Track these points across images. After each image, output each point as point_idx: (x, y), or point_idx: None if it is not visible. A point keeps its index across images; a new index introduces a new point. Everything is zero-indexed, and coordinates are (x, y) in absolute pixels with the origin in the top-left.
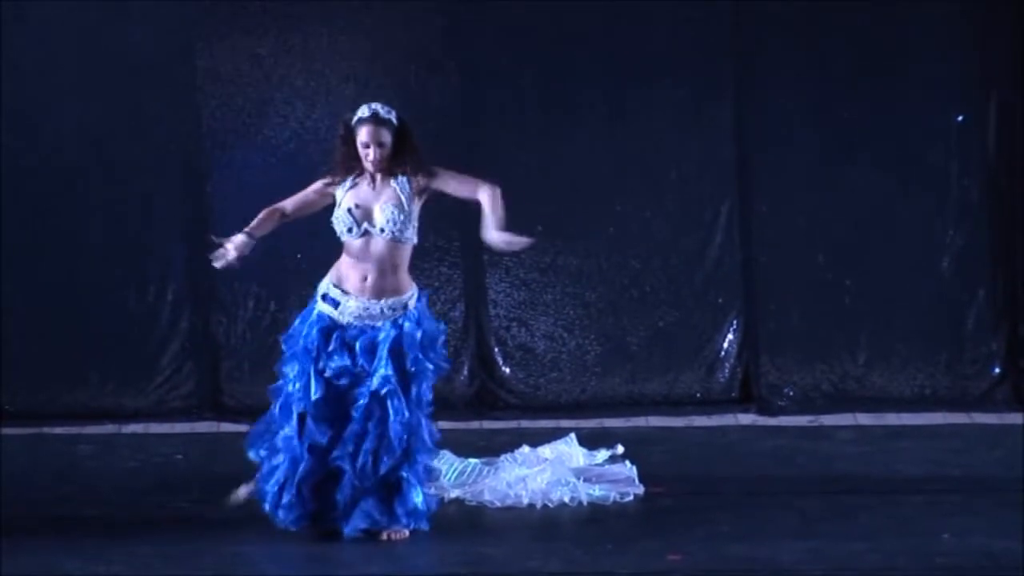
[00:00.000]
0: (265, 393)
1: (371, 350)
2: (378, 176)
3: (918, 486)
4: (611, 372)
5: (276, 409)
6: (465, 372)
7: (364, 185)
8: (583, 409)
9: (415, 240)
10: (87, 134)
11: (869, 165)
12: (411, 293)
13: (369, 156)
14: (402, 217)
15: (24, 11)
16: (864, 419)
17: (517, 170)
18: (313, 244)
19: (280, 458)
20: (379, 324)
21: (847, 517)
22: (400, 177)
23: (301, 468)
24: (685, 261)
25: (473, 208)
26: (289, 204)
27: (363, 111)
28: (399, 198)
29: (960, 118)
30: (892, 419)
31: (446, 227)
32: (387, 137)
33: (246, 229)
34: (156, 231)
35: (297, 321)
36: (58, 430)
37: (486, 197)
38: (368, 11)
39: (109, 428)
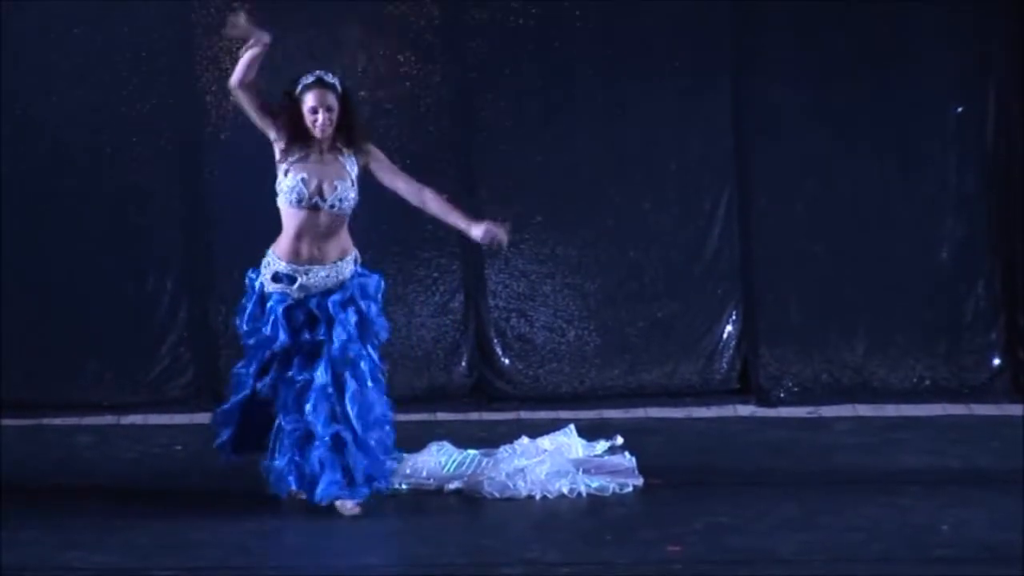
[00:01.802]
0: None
1: (330, 313)
2: (324, 147)
3: (917, 477)
4: (610, 363)
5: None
6: (464, 363)
7: (312, 157)
8: (582, 400)
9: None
10: (85, 124)
11: (868, 156)
12: (354, 252)
13: (317, 121)
14: (351, 195)
15: (23, 1)
16: (863, 410)
17: (516, 162)
18: None
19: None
20: (333, 287)
21: (846, 508)
22: (347, 154)
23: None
24: (684, 252)
25: (471, 201)
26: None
27: (307, 77)
28: (348, 174)
29: (959, 109)
30: (891, 410)
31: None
32: (334, 101)
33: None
34: (154, 221)
35: (246, 313)
36: (56, 421)
37: (436, 203)
38: (367, 4)
39: (108, 419)
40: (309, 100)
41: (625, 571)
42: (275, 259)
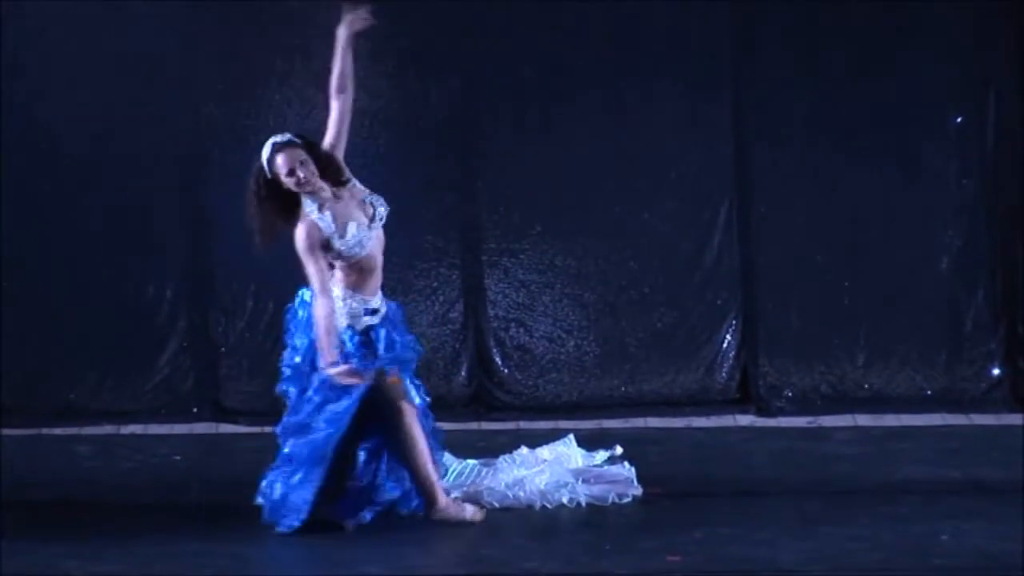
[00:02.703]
0: (264, 393)
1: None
2: (327, 190)
3: (916, 487)
4: (610, 373)
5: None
6: (464, 373)
7: (331, 205)
8: (582, 410)
9: None
10: (86, 132)
11: (867, 165)
12: None
13: (300, 180)
14: (365, 235)
15: (24, 7)
16: (863, 420)
17: (516, 171)
18: None
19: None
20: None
21: (846, 518)
22: (351, 185)
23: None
24: (683, 262)
25: (470, 210)
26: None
27: (265, 149)
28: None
29: (959, 119)
30: (891, 420)
31: (445, 227)
32: (303, 154)
33: None
34: (155, 231)
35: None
36: (57, 431)
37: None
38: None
39: (107, 429)
40: (282, 167)
41: None
42: (357, 298)
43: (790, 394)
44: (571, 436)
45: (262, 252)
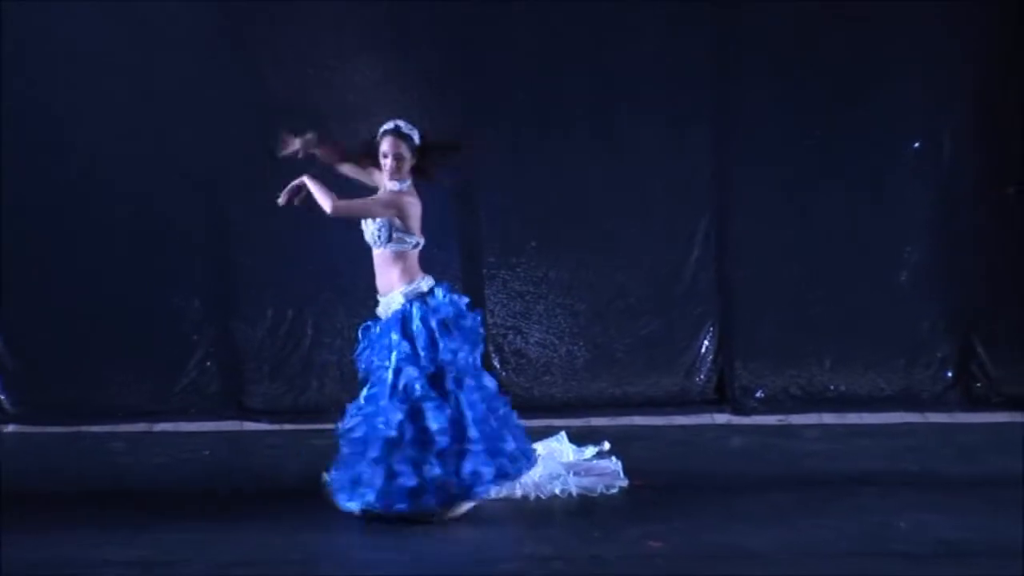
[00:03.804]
0: (284, 394)
1: None
2: (408, 183)
3: (877, 479)
4: (598, 375)
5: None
6: None
7: (407, 195)
8: (573, 409)
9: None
10: (121, 158)
11: (835, 186)
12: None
13: (387, 165)
14: (376, 231)
15: (51, 29)
16: (829, 419)
17: (513, 191)
18: (327, 256)
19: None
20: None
21: (813, 507)
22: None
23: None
24: (666, 274)
25: (471, 226)
26: (350, 162)
27: (389, 123)
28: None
29: (917, 144)
30: (854, 419)
31: (448, 242)
32: (407, 150)
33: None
34: (183, 251)
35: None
36: (94, 428)
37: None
38: (377, 41)
39: (141, 426)
40: (386, 147)
41: (612, 564)
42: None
43: (762, 395)
44: (563, 433)
45: (311, 152)
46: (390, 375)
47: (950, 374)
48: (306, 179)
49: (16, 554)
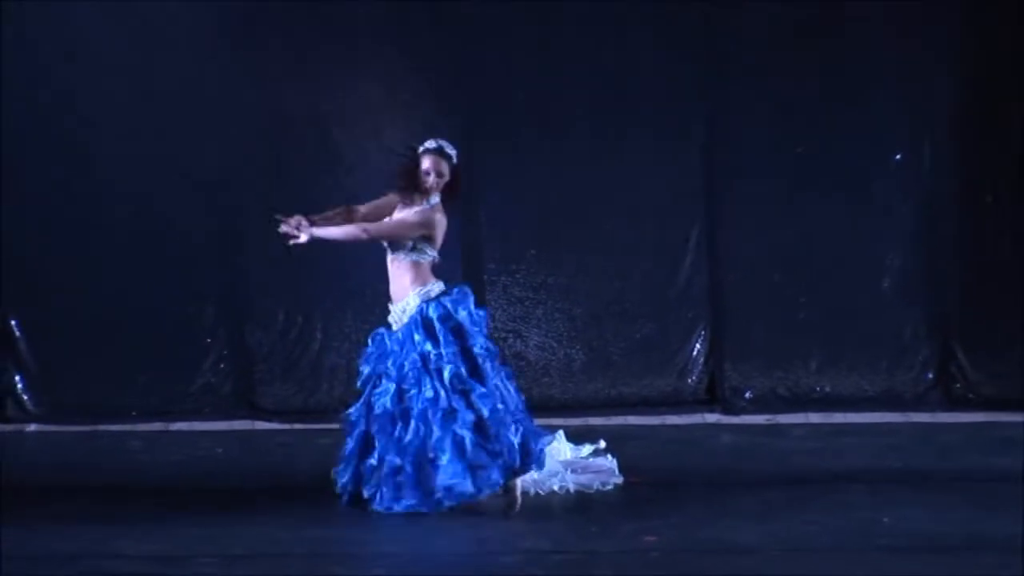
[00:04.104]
0: (293, 395)
1: None
2: (437, 200)
3: (861, 476)
4: (595, 377)
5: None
6: None
7: (437, 212)
8: (570, 409)
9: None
10: (137, 175)
11: (821, 197)
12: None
13: (428, 182)
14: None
15: (76, 48)
16: (815, 418)
17: (515, 202)
18: (335, 264)
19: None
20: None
21: (800, 503)
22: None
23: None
24: (659, 280)
25: (472, 234)
26: (364, 206)
27: (429, 142)
28: None
29: (899, 156)
30: (839, 418)
31: (450, 249)
32: (445, 168)
33: (314, 218)
34: (198, 260)
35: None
36: (113, 428)
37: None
38: (383, 58)
39: (157, 426)
40: (425, 162)
41: (608, 558)
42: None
43: (751, 396)
44: (561, 432)
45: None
46: (431, 375)
47: (931, 376)
48: (312, 233)
49: (40, 545)
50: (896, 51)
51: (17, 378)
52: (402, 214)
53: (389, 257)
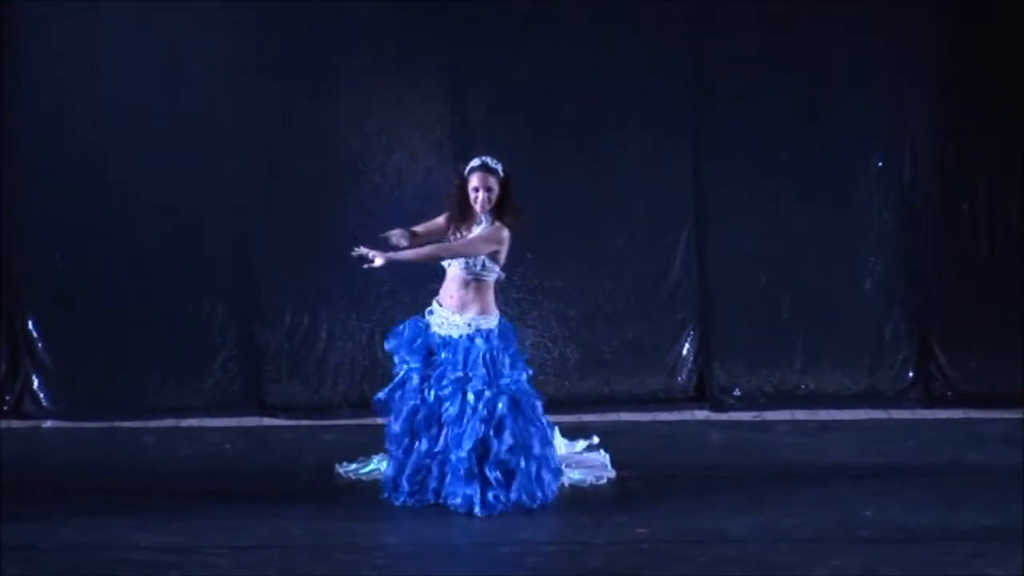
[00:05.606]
0: (300, 393)
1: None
2: (488, 217)
3: (844, 471)
4: (588, 376)
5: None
6: None
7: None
8: (564, 406)
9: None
10: (152, 180)
11: (805, 201)
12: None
13: (477, 199)
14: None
15: (96, 60)
16: (800, 415)
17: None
18: (341, 266)
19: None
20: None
21: (786, 497)
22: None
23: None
24: (650, 281)
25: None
26: (420, 227)
27: (476, 160)
28: None
29: (880, 162)
30: (823, 415)
31: None
32: (494, 183)
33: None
34: (209, 261)
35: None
36: (126, 424)
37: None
38: (385, 68)
39: (169, 422)
40: (473, 180)
41: (601, 549)
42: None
43: (739, 393)
44: (556, 428)
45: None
46: (470, 400)
47: (911, 374)
48: (390, 257)
49: (56, 538)
50: (876, 61)
51: (34, 376)
52: (473, 233)
53: (448, 263)
